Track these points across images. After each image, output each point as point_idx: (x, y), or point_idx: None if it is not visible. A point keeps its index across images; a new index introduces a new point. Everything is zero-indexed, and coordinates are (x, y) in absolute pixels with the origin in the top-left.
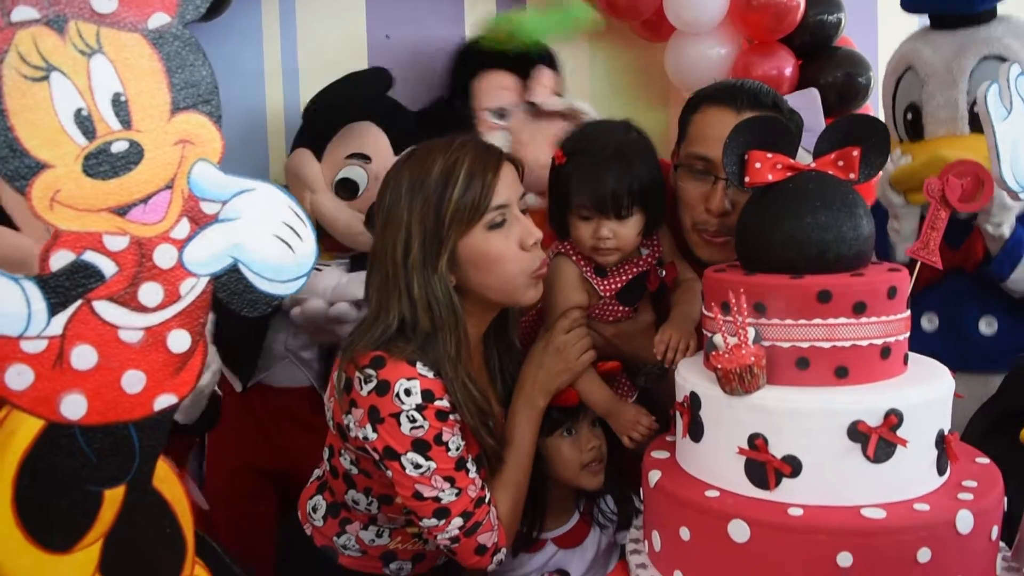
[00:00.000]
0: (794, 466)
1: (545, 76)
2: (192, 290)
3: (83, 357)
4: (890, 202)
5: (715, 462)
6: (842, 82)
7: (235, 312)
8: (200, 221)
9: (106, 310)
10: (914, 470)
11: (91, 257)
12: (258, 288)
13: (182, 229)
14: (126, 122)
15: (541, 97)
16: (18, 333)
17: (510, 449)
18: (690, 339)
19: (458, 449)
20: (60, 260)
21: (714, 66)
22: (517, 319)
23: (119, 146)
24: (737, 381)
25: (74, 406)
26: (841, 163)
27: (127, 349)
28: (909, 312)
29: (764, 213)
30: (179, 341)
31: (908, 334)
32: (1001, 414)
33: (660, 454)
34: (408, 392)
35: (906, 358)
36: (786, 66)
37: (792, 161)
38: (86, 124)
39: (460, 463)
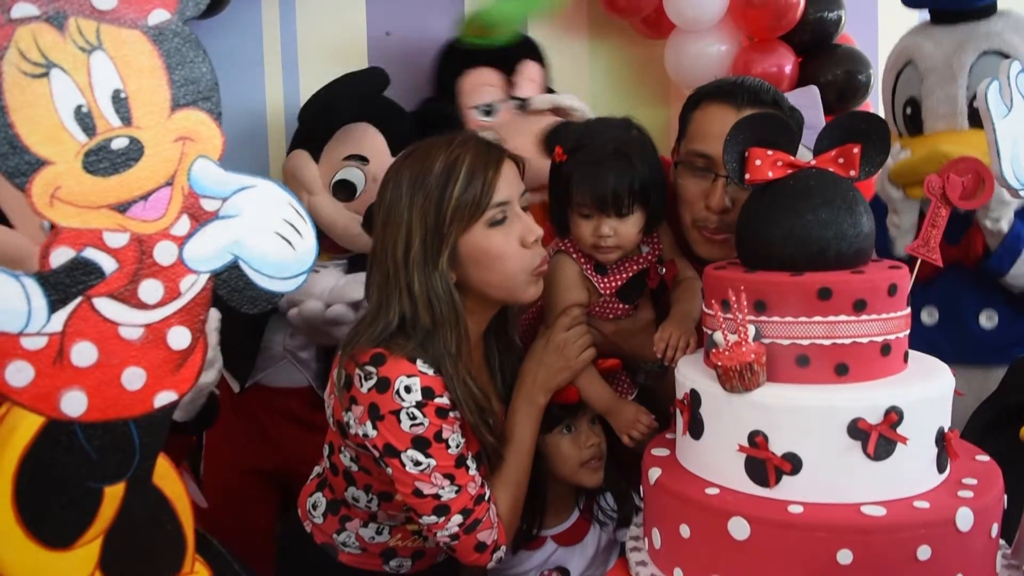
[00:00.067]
0: (794, 463)
1: (530, 70)
2: (192, 287)
3: (83, 354)
4: (889, 196)
5: (715, 459)
6: (842, 79)
7: (233, 312)
8: (200, 218)
9: (106, 307)
10: (914, 468)
11: (91, 254)
12: (258, 285)
13: (182, 226)
14: (126, 119)
15: (527, 91)
16: (18, 330)
17: (510, 447)
18: (690, 337)
19: (458, 446)
20: (60, 257)
21: (714, 63)
22: (516, 316)
23: (119, 143)
24: (737, 378)
25: (74, 403)
26: (841, 160)
27: (127, 346)
28: (909, 310)
29: (764, 210)
30: (179, 338)
31: (908, 331)
32: (1001, 412)
33: (660, 451)
34: (408, 389)
35: (906, 356)
36: (786, 63)
37: (792, 158)
38: (86, 121)
39: (460, 460)
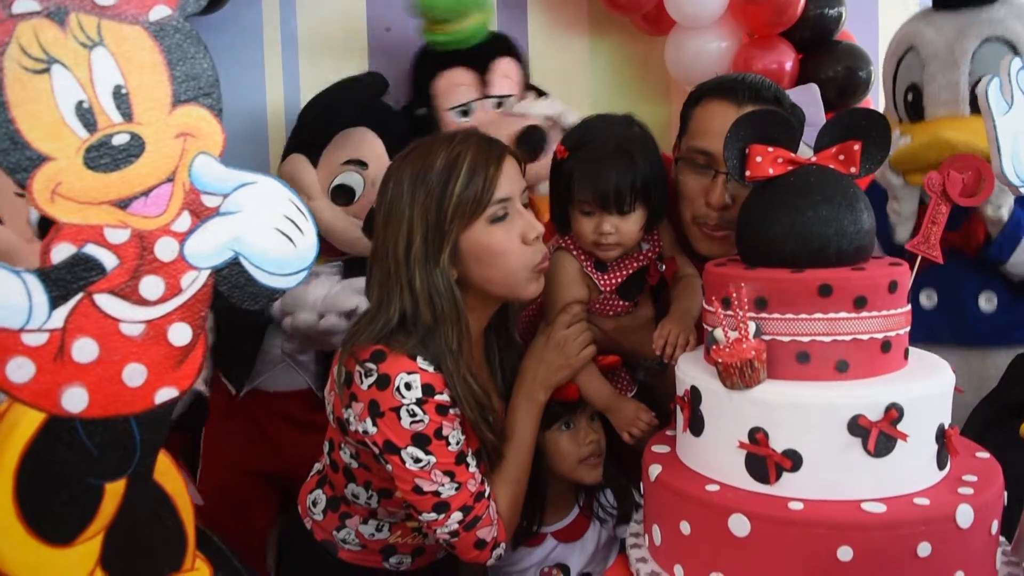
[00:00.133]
0: (794, 460)
1: (504, 66)
2: (193, 283)
3: (84, 350)
4: (889, 183)
5: (715, 456)
6: (843, 76)
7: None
8: (201, 214)
9: (107, 303)
10: (914, 464)
11: (92, 250)
12: (259, 281)
13: (183, 222)
14: (127, 115)
15: (503, 89)
16: (19, 326)
17: (510, 444)
18: (690, 334)
19: (458, 443)
20: (61, 253)
21: (714, 60)
22: (516, 313)
23: (120, 139)
24: (738, 375)
25: (75, 399)
26: (842, 157)
27: (128, 342)
28: (910, 307)
29: (765, 207)
30: (180, 334)
31: (909, 328)
32: (1001, 408)
33: (660, 448)
34: (408, 386)
35: (907, 352)
36: (786, 60)
37: (793, 155)
38: (87, 116)
39: (460, 457)
